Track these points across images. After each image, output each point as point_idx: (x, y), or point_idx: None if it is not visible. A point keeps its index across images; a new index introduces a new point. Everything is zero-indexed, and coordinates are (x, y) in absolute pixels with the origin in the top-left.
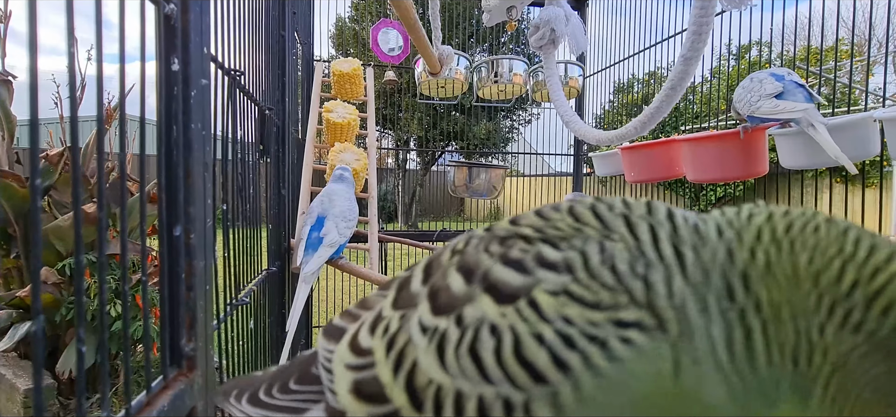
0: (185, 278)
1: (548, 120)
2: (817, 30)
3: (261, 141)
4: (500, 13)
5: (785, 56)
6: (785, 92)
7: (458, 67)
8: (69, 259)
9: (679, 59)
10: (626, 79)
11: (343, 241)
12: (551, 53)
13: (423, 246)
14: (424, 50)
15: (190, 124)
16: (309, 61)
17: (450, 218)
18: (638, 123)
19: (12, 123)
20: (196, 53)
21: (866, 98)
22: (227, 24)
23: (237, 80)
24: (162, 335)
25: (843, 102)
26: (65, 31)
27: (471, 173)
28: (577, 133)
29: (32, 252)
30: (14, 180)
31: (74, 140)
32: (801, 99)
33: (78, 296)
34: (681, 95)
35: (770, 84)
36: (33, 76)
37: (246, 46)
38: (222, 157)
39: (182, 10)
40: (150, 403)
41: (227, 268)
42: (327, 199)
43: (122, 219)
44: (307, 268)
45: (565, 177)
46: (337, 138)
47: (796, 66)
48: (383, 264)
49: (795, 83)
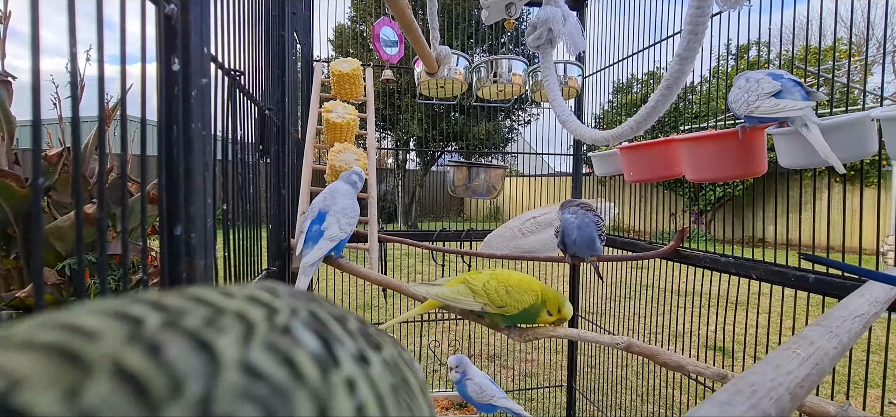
0: (185, 277)
1: (547, 120)
2: (816, 29)
3: (261, 141)
4: (498, 11)
5: (784, 56)
6: (783, 90)
7: (457, 67)
8: (69, 259)
9: (675, 59)
10: (625, 78)
11: (344, 237)
12: (549, 53)
13: (422, 246)
14: (421, 50)
15: (190, 124)
16: (308, 61)
17: (449, 218)
18: (634, 123)
19: (12, 124)
20: (196, 53)
21: (864, 97)
22: (227, 24)
23: (237, 80)
24: None
25: (842, 102)
26: (65, 30)
27: (470, 173)
28: (574, 132)
29: (34, 252)
30: (14, 180)
31: (75, 140)
32: (800, 97)
33: (80, 297)
34: (677, 94)
35: (768, 83)
36: (36, 77)
37: (246, 46)
38: (222, 157)
39: (182, 10)
40: None
41: (227, 268)
42: (330, 196)
43: (123, 219)
44: (306, 259)
45: (565, 177)
46: (336, 138)
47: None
48: (383, 264)
49: (793, 81)
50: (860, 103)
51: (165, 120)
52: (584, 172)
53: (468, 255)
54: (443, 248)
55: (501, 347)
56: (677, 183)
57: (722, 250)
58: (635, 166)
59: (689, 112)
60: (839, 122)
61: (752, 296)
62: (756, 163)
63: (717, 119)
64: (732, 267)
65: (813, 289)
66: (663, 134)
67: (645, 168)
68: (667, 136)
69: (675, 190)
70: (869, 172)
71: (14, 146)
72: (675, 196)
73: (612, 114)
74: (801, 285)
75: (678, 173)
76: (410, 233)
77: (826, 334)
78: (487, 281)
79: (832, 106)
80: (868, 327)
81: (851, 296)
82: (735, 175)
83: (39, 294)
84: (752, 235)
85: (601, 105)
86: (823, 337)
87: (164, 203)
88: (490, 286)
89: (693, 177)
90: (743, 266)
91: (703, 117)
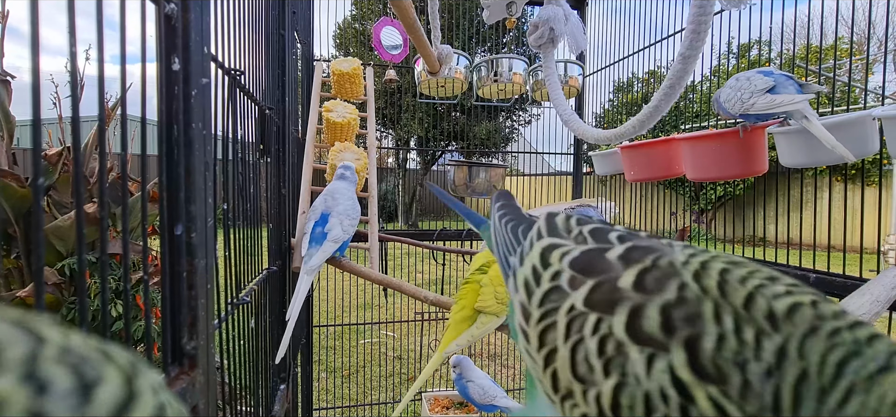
0: (186, 277)
1: (548, 119)
2: (817, 28)
3: (261, 140)
4: (499, 10)
5: (785, 55)
6: (777, 86)
7: (458, 67)
8: (69, 259)
9: (677, 58)
10: (625, 78)
11: (346, 238)
12: (550, 52)
13: (423, 245)
14: (423, 49)
15: (190, 123)
16: (309, 61)
17: (450, 217)
18: (636, 122)
19: (11, 123)
20: (196, 53)
21: (865, 96)
22: (228, 24)
23: (237, 80)
24: (163, 334)
25: (843, 101)
26: (65, 30)
27: (471, 172)
28: (576, 132)
29: (35, 252)
30: (13, 180)
31: (76, 139)
32: (794, 91)
33: (81, 297)
34: (679, 93)
35: (760, 80)
36: (35, 76)
37: (246, 46)
38: (223, 157)
39: (182, 9)
40: None
41: (227, 268)
42: (331, 197)
43: (124, 219)
44: (312, 262)
45: (565, 177)
46: (337, 138)
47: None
48: (383, 263)
49: (785, 76)
50: (861, 102)
51: (166, 119)
52: (584, 171)
53: (468, 255)
54: (443, 248)
55: (501, 347)
56: (678, 182)
57: (723, 249)
58: (636, 165)
59: (690, 111)
60: (840, 121)
61: None
62: (757, 163)
63: (718, 118)
64: None
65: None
66: (664, 133)
67: (645, 167)
68: (667, 136)
69: (675, 189)
70: (870, 171)
71: (14, 145)
72: (675, 195)
73: (612, 113)
74: None
75: (679, 172)
76: (411, 233)
77: None
78: (496, 290)
79: (833, 105)
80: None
81: (852, 296)
82: (736, 174)
83: (40, 294)
84: (752, 234)
85: (602, 104)
86: None
87: (165, 202)
88: (503, 291)
89: (693, 176)
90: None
91: (703, 116)
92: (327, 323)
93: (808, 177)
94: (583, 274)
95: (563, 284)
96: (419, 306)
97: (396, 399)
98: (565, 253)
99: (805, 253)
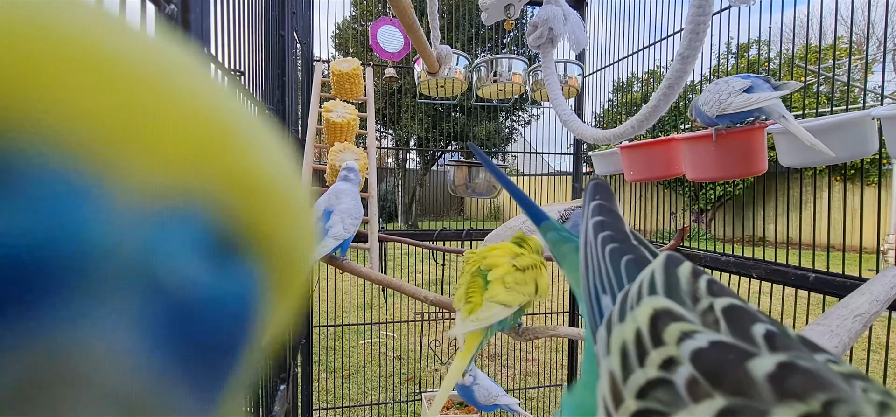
0: None
1: (547, 119)
2: (816, 28)
3: None
4: (497, 12)
5: (784, 54)
6: (754, 86)
7: (458, 67)
8: None
9: (676, 58)
10: (625, 77)
11: (348, 237)
12: (550, 52)
13: (423, 245)
14: (423, 50)
15: None
16: (308, 61)
17: (450, 217)
18: (635, 122)
19: None
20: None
21: (865, 96)
22: (227, 24)
23: (237, 80)
24: None
25: (843, 100)
26: None
27: (470, 172)
28: (575, 132)
29: None
30: None
31: None
32: (769, 90)
33: None
34: (678, 93)
35: (738, 82)
36: None
37: (246, 46)
38: None
39: (182, 10)
40: None
41: None
42: (334, 196)
43: None
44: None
45: (565, 177)
46: (337, 138)
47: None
48: (383, 263)
49: (762, 79)
50: (861, 102)
51: None
52: (584, 171)
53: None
54: (443, 248)
55: (501, 347)
56: (677, 182)
57: (722, 249)
58: (635, 165)
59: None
60: (840, 121)
61: (753, 295)
62: (756, 163)
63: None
64: (733, 266)
65: (813, 288)
66: (663, 133)
67: (645, 167)
68: (667, 135)
69: (675, 189)
70: (869, 171)
71: None
72: (675, 195)
73: (612, 113)
74: (801, 284)
75: (678, 172)
76: (411, 233)
77: (826, 333)
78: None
79: (833, 104)
80: (868, 326)
81: (852, 295)
82: (735, 174)
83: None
84: (752, 234)
85: (601, 104)
86: (823, 336)
87: None
88: (511, 279)
89: (693, 176)
90: (743, 265)
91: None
92: (327, 324)
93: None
94: (710, 383)
95: (679, 384)
96: (419, 306)
97: (396, 399)
98: (687, 334)
99: (805, 253)
